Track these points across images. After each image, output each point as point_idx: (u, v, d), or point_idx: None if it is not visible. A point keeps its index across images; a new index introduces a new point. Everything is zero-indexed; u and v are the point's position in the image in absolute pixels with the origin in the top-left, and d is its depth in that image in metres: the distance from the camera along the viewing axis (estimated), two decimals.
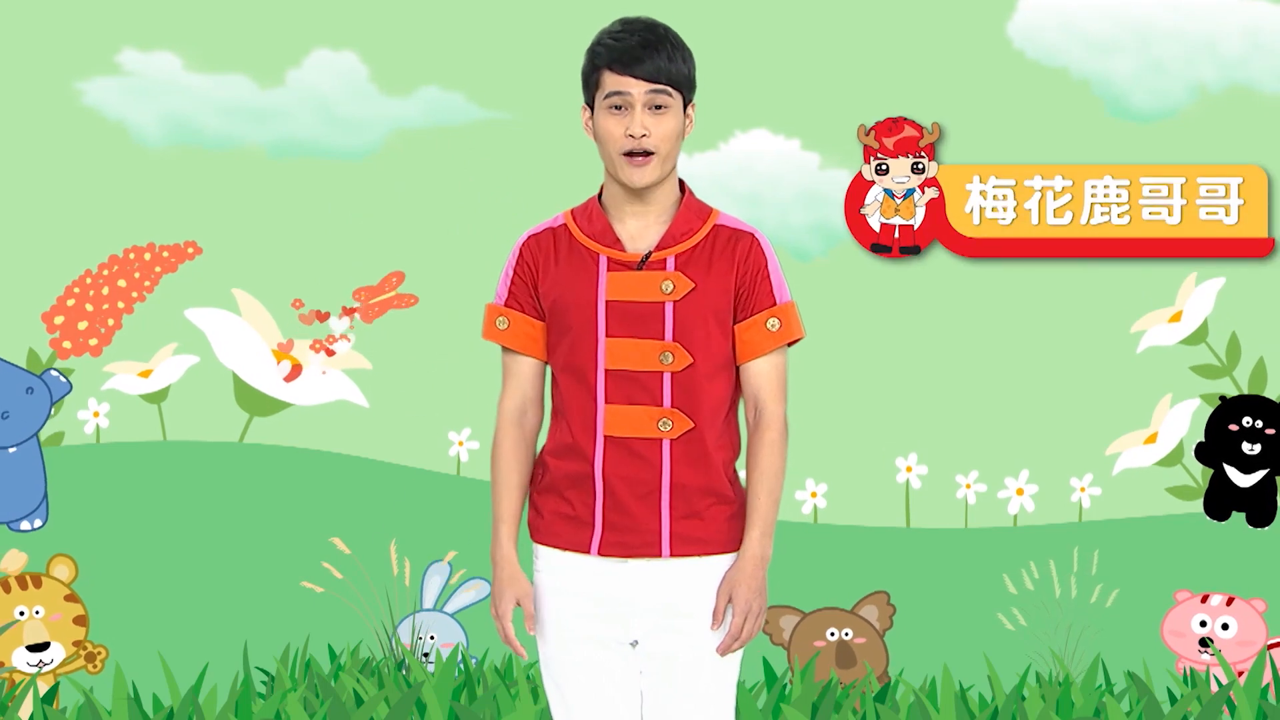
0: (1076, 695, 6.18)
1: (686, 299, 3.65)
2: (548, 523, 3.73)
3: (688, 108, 3.68)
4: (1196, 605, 6.35)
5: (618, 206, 3.71)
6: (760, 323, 3.69)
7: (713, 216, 3.73)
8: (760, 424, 3.69)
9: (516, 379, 3.78)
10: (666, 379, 3.65)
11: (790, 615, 6.37)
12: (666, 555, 3.66)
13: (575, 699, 3.72)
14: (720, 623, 3.67)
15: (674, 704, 3.69)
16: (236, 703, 6.15)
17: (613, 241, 3.69)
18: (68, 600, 6.38)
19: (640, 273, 3.66)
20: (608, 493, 3.66)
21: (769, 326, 3.69)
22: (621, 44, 3.62)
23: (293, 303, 6.32)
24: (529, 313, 3.74)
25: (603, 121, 3.65)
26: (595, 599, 3.69)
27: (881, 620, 6.37)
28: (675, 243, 3.68)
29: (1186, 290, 6.36)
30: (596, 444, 3.66)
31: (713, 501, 3.68)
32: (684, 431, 3.65)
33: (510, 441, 3.76)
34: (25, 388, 6.39)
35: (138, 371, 6.43)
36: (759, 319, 3.69)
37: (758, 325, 3.69)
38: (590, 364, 3.66)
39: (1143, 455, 6.39)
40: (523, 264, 3.75)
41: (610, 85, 3.63)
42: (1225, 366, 6.35)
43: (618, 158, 3.64)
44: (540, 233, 3.76)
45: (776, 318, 3.69)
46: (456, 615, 6.45)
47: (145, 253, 6.43)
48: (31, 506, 6.39)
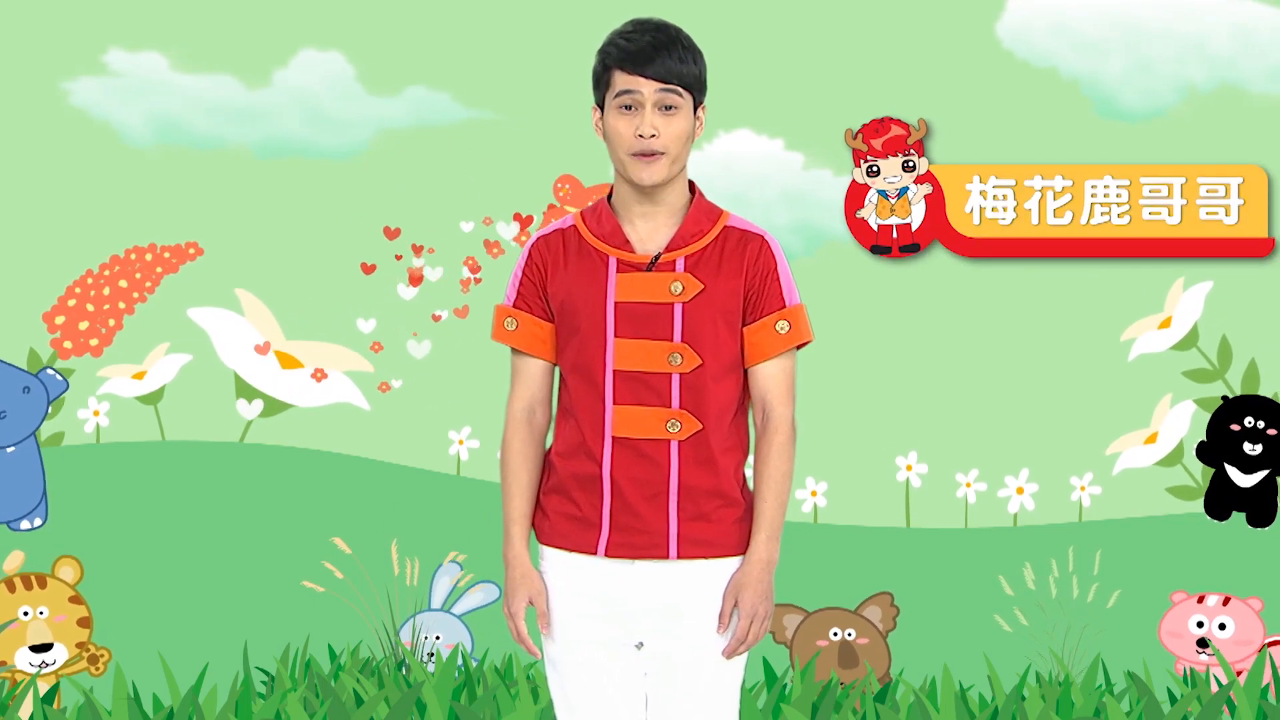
0: (1076, 695, 6.19)
1: (695, 300, 3.65)
2: (553, 524, 3.73)
3: (698, 109, 3.69)
4: (1193, 606, 6.36)
5: (627, 208, 3.71)
6: (769, 325, 3.69)
7: (723, 218, 3.73)
8: (768, 427, 3.69)
9: (525, 380, 3.78)
10: (675, 380, 3.65)
11: (794, 614, 6.37)
12: (673, 557, 3.66)
13: (579, 700, 3.72)
14: (726, 626, 3.67)
15: (678, 706, 3.69)
16: (236, 703, 6.14)
17: (622, 243, 3.69)
18: (72, 602, 6.37)
19: (650, 274, 3.66)
20: (615, 494, 3.66)
21: (778, 329, 3.69)
22: (633, 44, 3.62)
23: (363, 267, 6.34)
24: (537, 314, 3.74)
25: (612, 121, 3.65)
26: (600, 600, 3.69)
27: (885, 621, 6.38)
28: (685, 244, 3.68)
29: (1174, 296, 6.37)
30: (605, 445, 3.66)
31: (720, 504, 3.68)
32: (692, 433, 3.65)
33: (520, 441, 3.76)
34: (22, 387, 6.38)
35: (131, 374, 6.42)
36: (767, 321, 3.69)
37: (766, 328, 3.69)
38: (599, 365, 3.65)
39: (1143, 455, 6.39)
40: (532, 265, 3.75)
41: (620, 84, 3.63)
42: (1217, 370, 6.36)
43: (627, 158, 3.64)
44: (550, 234, 3.76)
45: (785, 320, 3.69)
46: (463, 617, 6.44)
47: (146, 253, 6.42)
48: (31, 506, 6.39)
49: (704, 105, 3.71)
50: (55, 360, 6.40)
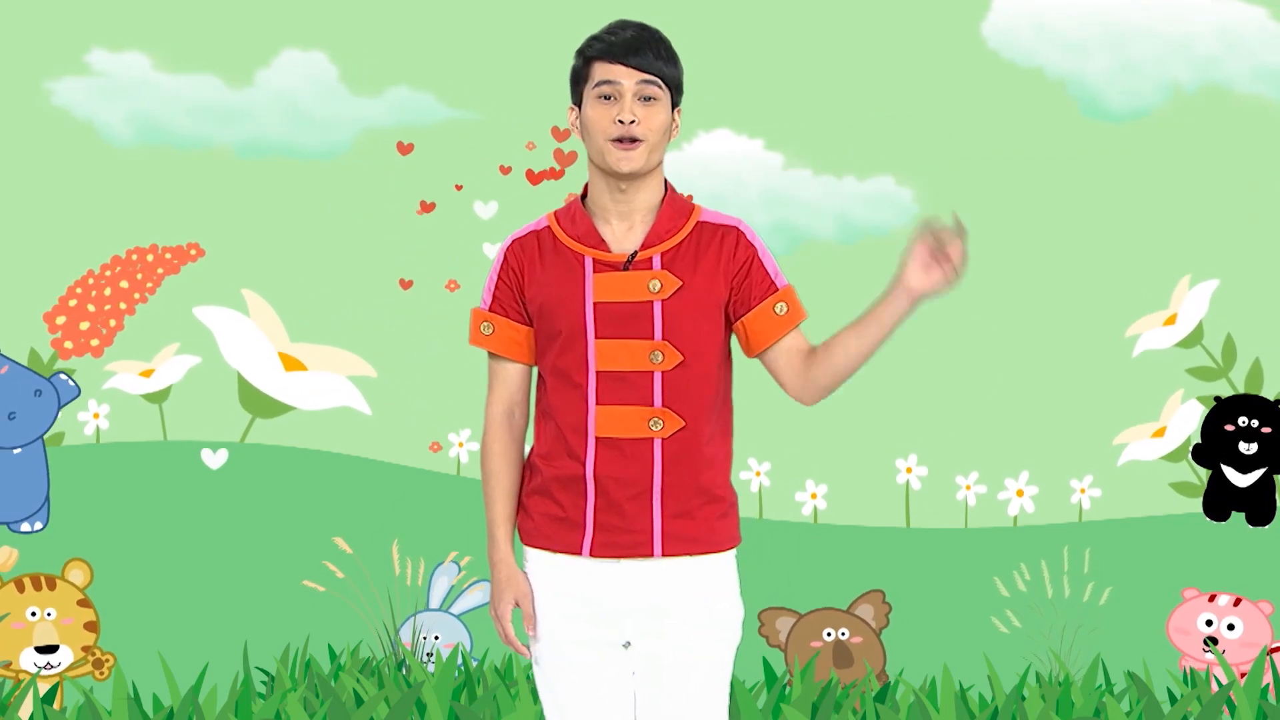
0: (1076, 695, 6.18)
1: (675, 297, 3.64)
2: (537, 525, 3.74)
3: (675, 110, 3.68)
4: (1203, 604, 6.35)
5: (602, 207, 3.71)
6: (768, 310, 3.68)
7: (695, 213, 3.72)
8: (817, 348, 3.69)
9: (503, 383, 3.78)
10: (657, 378, 3.65)
11: (786, 617, 6.37)
12: (658, 555, 3.66)
13: (568, 701, 3.72)
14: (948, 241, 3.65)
15: (667, 705, 3.69)
16: (236, 703, 6.15)
17: (597, 242, 3.68)
18: (80, 605, 6.38)
19: (627, 273, 3.66)
20: (599, 493, 3.66)
21: (777, 311, 3.69)
22: (615, 37, 3.63)
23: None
24: (514, 318, 3.74)
25: (591, 111, 3.64)
26: (586, 601, 3.69)
27: (878, 619, 6.37)
28: (660, 241, 3.67)
29: (1180, 293, 6.36)
30: (588, 445, 3.66)
31: (704, 501, 3.68)
32: (675, 430, 3.65)
33: (500, 444, 3.77)
34: (34, 390, 6.40)
35: (139, 371, 6.44)
36: (765, 306, 3.68)
37: (766, 313, 3.68)
38: (580, 366, 3.65)
39: (1149, 448, 6.38)
40: (507, 269, 3.74)
41: (600, 75, 3.63)
42: (1221, 368, 6.35)
43: (605, 144, 3.62)
44: (524, 236, 3.76)
45: (782, 301, 3.69)
46: (462, 616, 6.45)
47: (148, 254, 6.44)
48: (33, 508, 6.41)
49: (680, 109, 3.70)
50: (56, 360, 6.42)
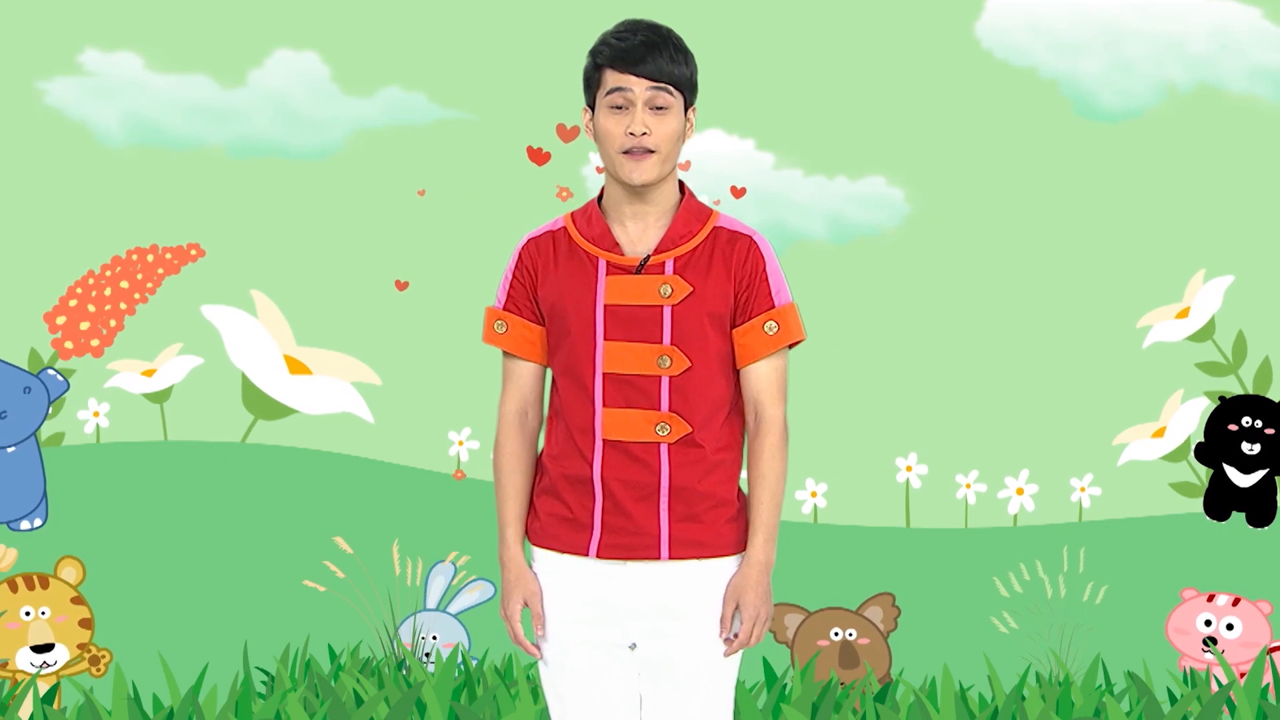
0: (1076, 695, 6.18)
1: (685, 303, 3.64)
2: (545, 525, 3.74)
3: (688, 110, 3.68)
4: (1203, 604, 6.35)
5: (617, 209, 3.71)
6: (758, 326, 3.68)
7: (712, 219, 3.72)
8: (760, 428, 3.69)
9: (516, 383, 3.78)
10: (664, 383, 3.64)
11: (795, 614, 6.37)
12: (665, 558, 3.66)
13: (573, 702, 3.72)
14: (728, 630, 3.67)
15: (672, 706, 3.69)
16: (236, 703, 6.15)
17: (611, 245, 3.68)
18: (74, 603, 6.38)
19: (639, 277, 3.66)
20: (606, 495, 3.66)
21: (766, 330, 3.69)
22: (625, 43, 3.62)
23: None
24: (527, 317, 3.75)
25: (603, 121, 3.64)
26: (593, 602, 3.69)
27: (886, 622, 6.37)
28: (674, 245, 3.67)
29: (1194, 286, 6.36)
30: (595, 447, 3.66)
31: (712, 504, 3.68)
32: (681, 435, 3.64)
33: (512, 444, 3.77)
34: (23, 387, 6.39)
35: (141, 370, 6.43)
36: (756, 323, 3.68)
37: (755, 329, 3.68)
38: (588, 368, 3.65)
39: (1149, 448, 6.38)
40: (521, 268, 3.75)
41: (611, 83, 3.62)
42: (1231, 364, 6.35)
43: (617, 156, 3.63)
44: (540, 236, 3.76)
45: (774, 321, 3.69)
46: (459, 616, 6.45)
47: (148, 254, 6.43)
48: (31, 506, 6.40)
49: (695, 107, 3.70)
50: (56, 360, 6.41)
